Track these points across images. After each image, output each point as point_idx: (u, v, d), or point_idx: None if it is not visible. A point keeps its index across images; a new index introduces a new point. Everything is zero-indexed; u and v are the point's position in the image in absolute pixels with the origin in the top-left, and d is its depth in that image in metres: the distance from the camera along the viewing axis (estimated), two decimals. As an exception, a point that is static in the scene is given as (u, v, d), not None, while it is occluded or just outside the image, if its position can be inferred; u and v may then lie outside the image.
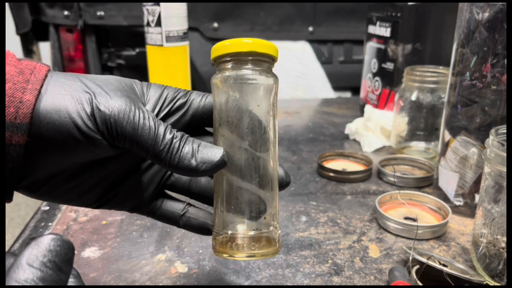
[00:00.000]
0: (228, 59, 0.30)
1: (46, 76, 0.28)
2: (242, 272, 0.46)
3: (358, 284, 0.44)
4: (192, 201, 0.37)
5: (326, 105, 1.18)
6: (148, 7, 0.79)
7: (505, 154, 0.39)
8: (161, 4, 0.78)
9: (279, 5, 1.43)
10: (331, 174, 0.68)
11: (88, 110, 0.28)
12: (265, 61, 0.31)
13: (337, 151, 0.76)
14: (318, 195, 0.64)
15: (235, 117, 0.30)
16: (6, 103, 0.27)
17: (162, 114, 0.32)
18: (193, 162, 0.29)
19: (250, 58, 0.30)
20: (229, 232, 0.30)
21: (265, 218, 0.31)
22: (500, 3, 0.48)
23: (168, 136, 0.29)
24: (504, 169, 0.40)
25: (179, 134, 0.29)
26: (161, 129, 0.29)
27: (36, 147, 0.28)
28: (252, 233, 0.30)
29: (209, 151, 0.29)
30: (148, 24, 0.80)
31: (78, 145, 0.28)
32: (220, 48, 0.30)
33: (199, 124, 0.34)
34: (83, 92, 0.28)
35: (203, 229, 0.35)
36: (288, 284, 0.44)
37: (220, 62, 0.31)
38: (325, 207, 0.60)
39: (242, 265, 0.47)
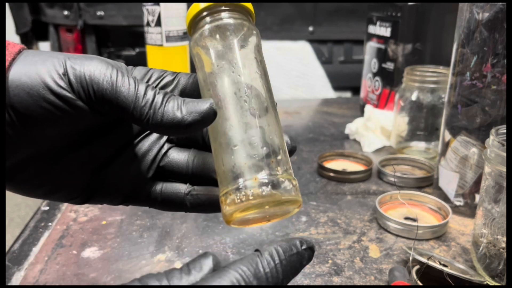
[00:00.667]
0: (204, 14, 0.29)
1: (20, 51, 0.26)
2: (242, 272, 0.46)
3: (358, 284, 0.44)
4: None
5: (326, 105, 1.18)
6: (148, 7, 0.79)
7: (505, 154, 0.39)
8: (161, 4, 0.78)
9: (279, 5, 1.43)
10: (331, 174, 0.68)
11: (61, 70, 0.25)
12: (243, 13, 0.30)
13: (337, 151, 0.76)
14: (318, 195, 0.63)
15: (220, 73, 0.28)
16: None
17: None
18: (178, 113, 0.25)
19: (226, 8, 0.29)
20: (238, 183, 0.25)
21: (272, 161, 0.26)
22: (500, 3, 0.48)
23: (150, 92, 0.26)
24: (504, 169, 0.40)
25: (161, 91, 0.27)
26: (142, 86, 0.26)
27: (7, 119, 0.25)
28: (263, 176, 0.25)
29: (195, 102, 0.26)
30: (148, 24, 0.80)
31: (52, 109, 0.25)
32: (195, 7, 0.29)
33: None
34: (58, 56, 0.26)
35: (215, 205, 0.30)
36: (288, 284, 0.44)
37: (196, 22, 0.29)
38: (325, 207, 0.60)
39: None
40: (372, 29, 0.92)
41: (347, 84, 1.53)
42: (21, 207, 2.19)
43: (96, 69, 0.26)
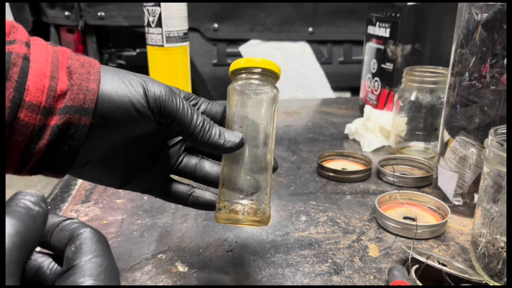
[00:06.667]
0: (242, 72, 0.39)
1: (100, 67, 0.34)
2: (242, 272, 0.46)
3: (358, 284, 0.44)
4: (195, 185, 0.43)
5: (325, 105, 1.18)
6: (149, 7, 0.79)
7: (504, 154, 0.40)
8: (162, 4, 0.78)
9: (279, 6, 1.44)
10: (331, 174, 0.69)
11: (141, 91, 0.34)
12: (270, 76, 0.39)
13: (336, 151, 0.76)
14: (318, 194, 0.64)
15: (243, 115, 0.38)
16: (75, 90, 0.32)
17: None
18: (221, 140, 0.36)
19: (258, 71, 0.39)
20: (231, 206, 0.37)
21: (258, 195, 0.38)
22: (499, 3, 0.48)
23: (200, 119, 0.36)
24: (503, 169, 0.40)
25: (207, 118, 0.37)
26: (195, 113, 0.36)
27: (97, 125, 0.33)
28: (248, 206, 0.37)
29: (231, 134, 0.37)
30: (149, 25, 0.80)
31: (132, 120, 0.34)
32: (236, 64, 0.39)
33: None
34: (134, 77, 0.35)
35: (209, 206, 0.41)
36: (288, 283, 0.44)
37: (236, 75, 0.40)
38: (325, 206, 0.60)
39: (242, 264, 0.47)
40: (371, 29, 0.93)
41: (347, 85, 1.53)
42: (21, 207, 2.19)
43: (165, 94, 0.35)
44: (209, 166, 0.42)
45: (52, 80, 0.31)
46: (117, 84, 0.34)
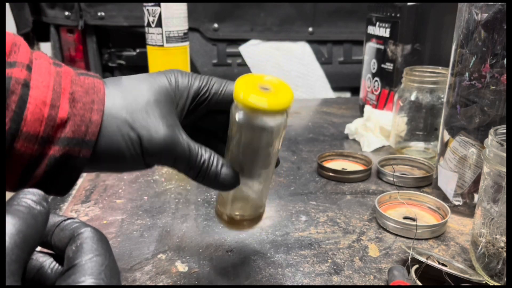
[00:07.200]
0: (259, 112, 0.34)
1: (104, 93, 0.33)
2: (242, 272, 0.46)
3: (358, 284, 0.44)
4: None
5: (325, 105, 1.18)
6: (149, 7, 0.79)
7: (504, 154, 0.40)
8: (162, 4, 0.78)
9: (279, 6, 1.44)
10: (331, 174, 0.69)
11: (138, 149, 0.33)
12: (282, 113, 0.35)
13: (336, 151, 0.76)
14: (318, 194, 0.64)
15: (245, 143, 0.36)
16: (78, 122, 0.31)
17: (184, 113, 0.37)
18: (216, 185, 0.36)
19: (270, 112, 0.34)
20: (229, 215, 0.40)
21: (254, 205, 0.40)
22: (499, 3, 0.48)
23: (199, 162, 0.35)
24: (503, 169, 0.40)
25: (206, 156, 0.36)
26: (194, 155, 0.35)
27: (92, 160, 0.33)
28: (245, 216, 0.40)
29: (228, 175, 0.36)
30: (149, 25, 0.80)
31: (125, 161, 0.33)
32: (244, 87, 0.34)
33: (213, 110, 0.39)
34: (131, 130, 0.33)
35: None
36: (288, 283, 0.44)
37: (248, 109, 0.34)
38: (325, 206, 0.60)
39: (242, 264, 0.47)
40: (371, 29, 0.93)
41: (347, 85, 1.53)
42: (21, 207, 2.18)
43: (164, 149, 0.33)
44: (222, 118, 0.41)
45: (52, 109, 0.30)
46: (114, 139, 0.33)
